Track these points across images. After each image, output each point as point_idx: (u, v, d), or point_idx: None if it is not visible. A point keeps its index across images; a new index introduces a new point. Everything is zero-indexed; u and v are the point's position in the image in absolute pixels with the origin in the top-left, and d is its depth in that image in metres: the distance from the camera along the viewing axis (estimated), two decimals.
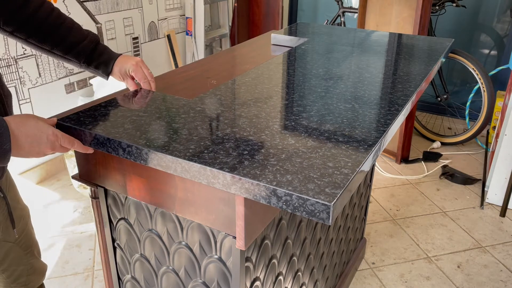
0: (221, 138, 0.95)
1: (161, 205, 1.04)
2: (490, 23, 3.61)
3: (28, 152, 0.93)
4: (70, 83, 2.96)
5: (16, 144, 0.90)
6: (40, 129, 0.93)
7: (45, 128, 0.94)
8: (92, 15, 3.02)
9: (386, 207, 2.67)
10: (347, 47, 1.75)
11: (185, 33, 3.93)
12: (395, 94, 1.24)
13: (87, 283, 2.05)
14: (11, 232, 1.13)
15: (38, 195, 2.75)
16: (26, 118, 0.93)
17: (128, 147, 0.93)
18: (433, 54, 1.66)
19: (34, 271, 1.23)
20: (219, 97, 1.20)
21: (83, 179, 1.16)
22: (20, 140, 0.91)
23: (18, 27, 1.11)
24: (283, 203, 0.78)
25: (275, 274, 1.21)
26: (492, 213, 2.62)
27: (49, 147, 0.95)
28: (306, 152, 0.90)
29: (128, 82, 1.24)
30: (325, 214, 0.74)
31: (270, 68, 1.46)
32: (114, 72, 1.23)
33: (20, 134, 0.91)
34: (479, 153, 3.35)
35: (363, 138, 0.97)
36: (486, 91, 3.12)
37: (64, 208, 2.61)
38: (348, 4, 4.25)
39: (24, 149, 0.92)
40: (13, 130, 0.89)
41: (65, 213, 2.56)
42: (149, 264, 1.18)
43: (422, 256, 2.26)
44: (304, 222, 1.33)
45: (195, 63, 1.62)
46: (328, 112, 1.11)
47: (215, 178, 0.84)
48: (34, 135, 0.92)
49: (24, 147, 0.92)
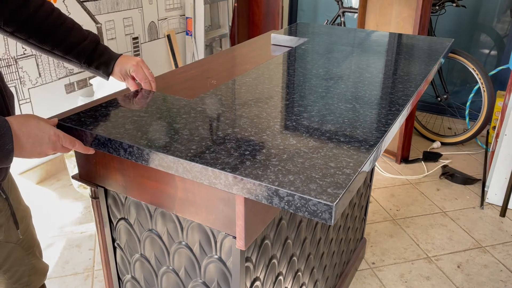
0: (222, 139, 0.95)
1: (161, 205, 1.04)
2: (490, 23, 3.61)
3: (30, 152, 0.93)
4: (70, 83, 2.96)
5: (18, 144, 0.90)
6: (41, 129, 0.93)
7: (47, 128, 0.94)
8: (92, 15, 3.02)
9: (386, 207, 2.67)
10: (347, 47, 1.75)
11: (185, 33, 3.93)
12: (396, 94, 1.24)
13: (87, 283, 2.05)
14: (13, 233, 1.13)
15: (38, 195, 2.75)
16: (27, 118, 0.93)
17: (129, 147, 0.93)
18: (433, 54, 1.66)
19: (36, 271, 1.23)
20: (220, 97, 1.20)
21: (83, 179, 1.16)
22: (22, 140, 0.90)
23: (19, 27, 1.11)
24: (285, 204, 0.78)
25: (275, 274, 1.21)
26: (492, 213, 2.62)
27: (51, 147, 0.95)
28: (308, 152, 0.90)
29: (129, 82, 1.24)
30: (328, 214, 0.74)
31: (271, 68, 1.46)
32: (115, 73, 1.23)
33: (22, 134, 0.90)
34: (479, 153, 3.35)
35: (365, 138, 0.97)
36: (486, 91, 3.12)
37: (64, 208, 2.61)
38: (348, 4, 4.25)
39: (26, 150, 0.92)
40: (15, 130, 0.89)
41: (65, 213, 2.56)
42: (149, 264, 1.18)
43: (422, 256, 2.26)
44: (304, 222, 1.33)
45: (195, 63, 1.61)
46: (329, 112, 1.11)
47: (216, 179, 0.84)
48: (36, 135, 0.92)
49: (26, 147, 0.91)
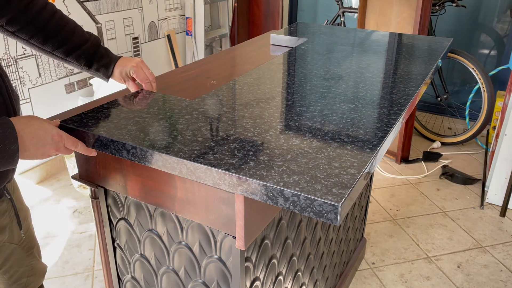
0: (225, 139, 0.95)
1: (161, 205, 1.04)
2: (490, 23, 3.61)
3: (34, 153, 0.93)
4: (70, 83, 2.96)
5: (23, 145, 0.90)
6: (45, 130, 0.93)
7: (50, 129, 0.94)
8: (92, 15, 3.02)
9: (386, 207, 2.67)
10: (347, 47, 1.74)
11: (185, 33, 3.92)
12: (397, 94, 1.24)
13: (87, 283, 2.05)
14: (16, 233, 1.13)
15: (38, 195, 2.74)
16: (30, 119, 0.93)
17: (132, 148, 0.93)
18: (433, 54, 1.66)
19: (35, 272, 1.23)
20: (222, 97, 1.20)
21: (83, 179, 1.16)
22: (26, 141, 0.90)
23: (21, 27, 1.10)
24: (290, 204, 0.78)
25: (275, 274, 1.21)
26: (492, 213, 2.62)
27: (54, 148, 0.94)
28: (312, 152, 0.90)
29: (129, 84, 1.24)
30: (333, 214, 0.74)
31: (271, 69, 1.45)
32: (115, 75, 1.23)
33: (26, 135, 0.90)
34: (479, 153, 3.35)
35: (368, 138, 0.97)
36: (486, 91, 3.12)
37: (64, 208, 2.60)
38: (348, 4, 4.25)
39: (30, 150, 0.92)
40: (19, 131, 0.89)
41: (65, 213, 2.55)
42: (149, 264, 1.18)
43: (422, 256, 2.26)
44: (304, 222, 1.33)
45: (195, 63, 1.61)
46: (331, 112, 1.11)
47: (221, 179, 0.84)
48: (39, 136, 0.92)
49: (29, 148, 0.91)
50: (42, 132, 0.92)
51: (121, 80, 1.24)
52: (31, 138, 0.91)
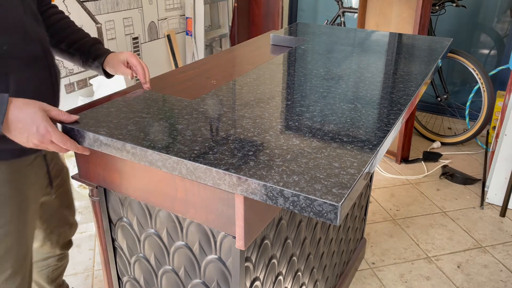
0: (225, 139, 0.95)
1: (161, 205, 1.04)
2: (490, 23, 3.61)
3: (14, 136, 0.96)
4: (70, 83, 2.96)
5: (6, 124, 0.93)
6: (33, 119, 0.95)
7: (39, 120, 0.95)
8: (92, 15, 3.02)
9: (386, 207, 2.67)
10: (347, 47, 1.74)
11: (185, 33, 3.92)
12: (397, 94, 1.24)
13: (87, 283, 2.05)
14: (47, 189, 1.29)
15: None
16: (27, 105, 0.95)
17: (132, 148, 0.93)
18: (433, 54, 1.66)
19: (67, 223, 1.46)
20: (221, 97, 1.20)
21: (83, 179, 1.16)
22: (10, 121, 0.94)
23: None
24: (290, 204, 0.78)
25: (275, 274, 1.21)
26: (492, 213, 2.62)
27: (37, 139, 0.96)
28: (311, 152, 0.90)
29: (121, 68, 1.27)
30: (333, 214, 0.74)
31: (271, 69, 1.45)
32: (107, 62, 1.28)
33: (13, 117, 0.93)
34: (479, 153, 3.35)
35: (367, 138, 0.97)
36: (486, 91, 3.12)
37: None
38: (348, 4, 4.25)
39: (10, 133, 0.95)
40: (9, 110, 0.93)
41: None
42: (149, 264, 1.18)
43: (422, 256, 2.26)
44: (304, 222, 1.33)
45: (195, 63, 1.61)
46: (331, 112, 1.11)
47: (221, 179, 0.84)
48: (26, 122, 0.94)
49: (10, 130, 0.95)
50: (29, 120, 0.94)
51: (113, 67, 1.28)
52: (17, 122, 0.94)
